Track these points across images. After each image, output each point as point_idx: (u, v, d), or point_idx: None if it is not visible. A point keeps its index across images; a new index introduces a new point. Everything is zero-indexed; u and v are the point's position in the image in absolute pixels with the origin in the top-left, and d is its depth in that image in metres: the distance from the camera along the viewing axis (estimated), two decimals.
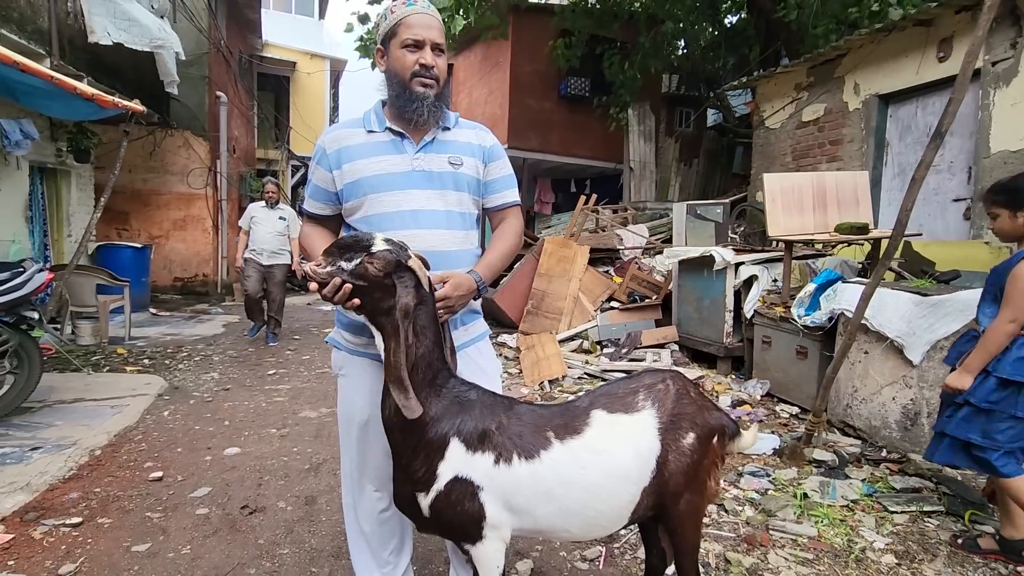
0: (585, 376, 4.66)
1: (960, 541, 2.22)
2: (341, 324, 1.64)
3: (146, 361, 5.08)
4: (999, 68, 4.85)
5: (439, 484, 1.32)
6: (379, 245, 1.30)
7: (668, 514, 1.45)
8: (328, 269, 1.28)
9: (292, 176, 15.62)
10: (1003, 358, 2.04)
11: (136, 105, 5.01)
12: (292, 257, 6.02)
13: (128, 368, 4.80)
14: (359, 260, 1.28)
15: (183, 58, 6.94)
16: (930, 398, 3.05)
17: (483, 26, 8.65)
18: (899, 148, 5.93)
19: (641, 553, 2.07)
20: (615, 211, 8.75)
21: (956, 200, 5.40)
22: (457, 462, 1.32)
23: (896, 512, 2.45)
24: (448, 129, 1.60)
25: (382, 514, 1.71)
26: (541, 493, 1.34)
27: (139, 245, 7.78)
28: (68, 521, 2.35)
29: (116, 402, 3.86)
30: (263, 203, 6.04)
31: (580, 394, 1.53)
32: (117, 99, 4.86)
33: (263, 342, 6.13)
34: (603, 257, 6.96)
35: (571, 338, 5.40)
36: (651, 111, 10.83)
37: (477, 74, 11.74)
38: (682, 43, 11.31)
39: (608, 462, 1.36)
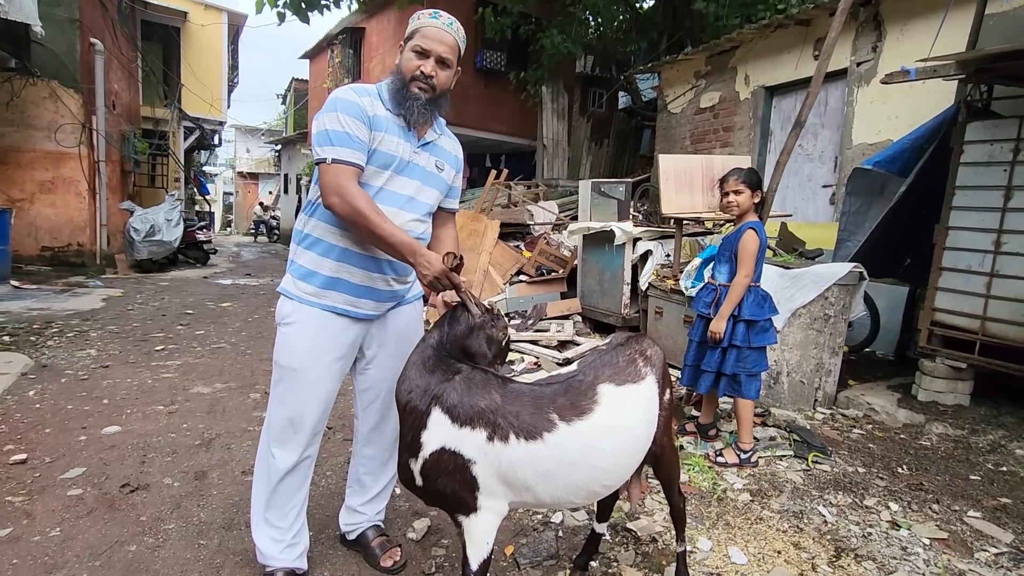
0: None
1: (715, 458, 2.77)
2: (297, 274, 1.70)
3: (6, 338, 4.55)
4: (862, 69, 5.43)
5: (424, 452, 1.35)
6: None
7: (660, 460, 1.65)
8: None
9: (185, 138, 14.33)
10: (742, 305, 2.66)
11: None
12: None
13: None
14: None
15: None
16: (790, 359, 3.47)
17: None
18: (781, 137, 6.50)
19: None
20: (528, 187, 8.90)
21: (824, 186, 6.04)
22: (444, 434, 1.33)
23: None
24: (439, 135, 1.78)
25: (294, 468, 1.74)
26: (542, 472, 1.33)
27: None
28: None
29: None
30: None
31: (574, 368, 1.50)
32: None
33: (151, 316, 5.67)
34: (514, 232, 7.09)
35: None
36: (564, 90, 11.01)
37: (391, 40, 11.30)
38: (596, 23, 11.54)
39: (621, 437, 1.40)
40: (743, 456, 2.70)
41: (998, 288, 3.25)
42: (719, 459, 2.72)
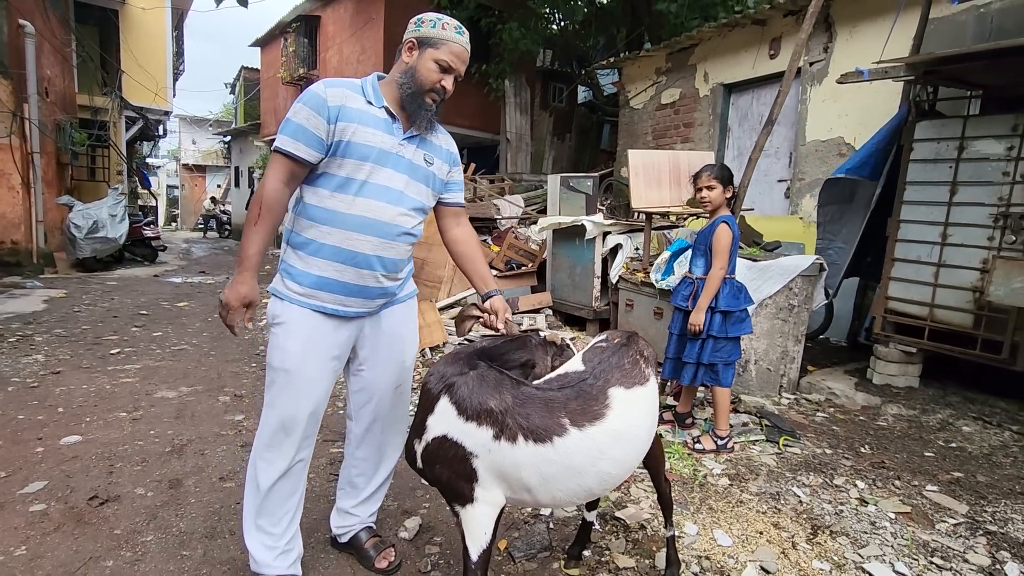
0: (465, 342, 4.78)
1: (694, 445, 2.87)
2: (288, 274, 1.67)
3: None
4: (814, 68, 5.67)
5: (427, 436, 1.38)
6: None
7: (648, 452, 1.67)
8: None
9: (127, 129, 13.54)
10: (719, 297, 2.76)
11: None
12: None
13: None
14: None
15: None
16: (757, 348, 3.61)
17: None
18: (738, 133, 6.73)
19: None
20: (492, 181, 8.88)
21: (780, 181, 6.29)
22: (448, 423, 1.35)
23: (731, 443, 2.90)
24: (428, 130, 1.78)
25: (286, 472, 1.70)
26: (546, 475, 1.33)
27: None
28: None
29: None
30: None
31: (580, 369, 1.48)
32: None
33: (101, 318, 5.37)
34: (481, 226, 7.07)
35: (451, 305, 5.47)
36: (526, 84, 11.02)
37: (348, 29, 11.03)
38: (557, 17, 11.58)
39: (629, 442, 1.41)
40: (720, 442, 2.80)
41: (944, 277, 3.49)
42: (697, 446, 2.82)
